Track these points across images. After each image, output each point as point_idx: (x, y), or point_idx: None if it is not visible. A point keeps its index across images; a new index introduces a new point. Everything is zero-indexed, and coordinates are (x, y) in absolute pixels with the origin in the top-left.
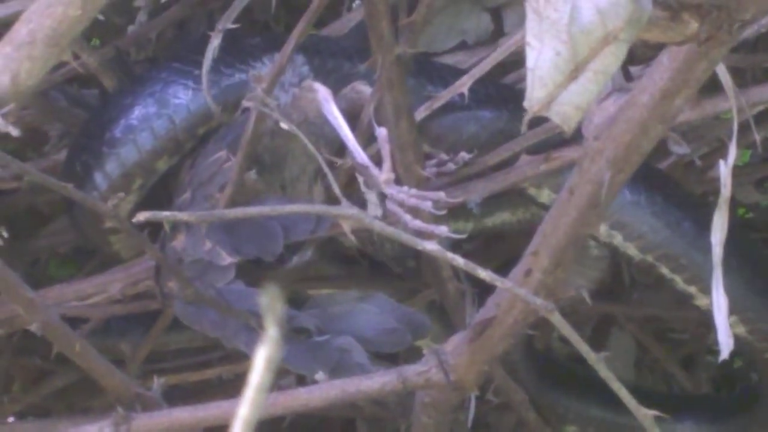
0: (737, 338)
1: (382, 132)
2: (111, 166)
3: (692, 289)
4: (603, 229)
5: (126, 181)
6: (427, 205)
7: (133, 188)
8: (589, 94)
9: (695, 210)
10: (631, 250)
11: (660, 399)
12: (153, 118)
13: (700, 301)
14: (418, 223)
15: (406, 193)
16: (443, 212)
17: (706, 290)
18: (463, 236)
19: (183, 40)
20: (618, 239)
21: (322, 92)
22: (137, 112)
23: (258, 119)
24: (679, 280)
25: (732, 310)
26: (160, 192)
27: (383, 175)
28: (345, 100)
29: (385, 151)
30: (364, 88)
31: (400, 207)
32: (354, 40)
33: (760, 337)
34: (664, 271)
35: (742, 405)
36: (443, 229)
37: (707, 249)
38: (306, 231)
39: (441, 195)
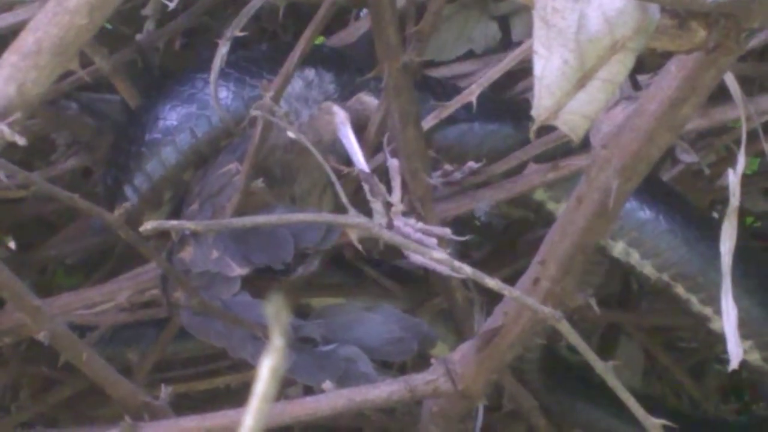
0: (750, 366)
1: (393, 163)
2: (139, 180)
3: (708, 311)
4: (620, 247)
5: (155, 194)
6: (432, 242)
7: (165, 200)
8: (596, 103)
9: (713, 229)
10: (648, 268)
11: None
12: (176, 131)
13: (715, 325)
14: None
15: (412, 227)
16: (447, 250)
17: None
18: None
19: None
20: (635, 257)
21: (341, 116)
22: (161, 125)
23: (265, 128)
24: (695, 301)
25: (748, 335)
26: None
27: (393, 206)
28: (350, 111)
29: (396, 182)
30: (369, 99)
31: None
32: (362, 49)
33: None
34: (680, 290)
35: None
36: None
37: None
38: (315, 238)
39: (447, 231)
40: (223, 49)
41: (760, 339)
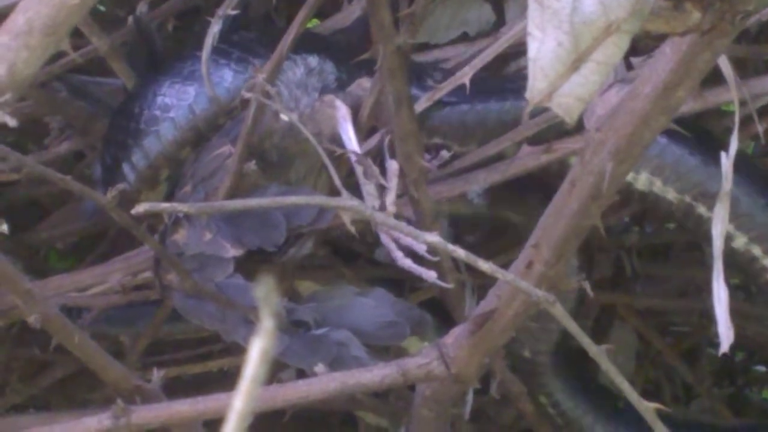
0: (737, 253)
1: (392, 165)
2: (137, 157)
3: (730, 227)
4: (644, 177)
5: (152, 172)
6: (421, 248)
7: (162, 179)
8: (591, 86)
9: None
10: (671, 193)
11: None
12: (174, 108)
13: (737, 242)
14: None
15: (402, 229)
16: (436, 258)
17: (743, 228)
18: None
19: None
20: (658, 185)
21: (343, 111)
22: (159, 102)
23: (258, 110)
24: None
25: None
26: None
27: (386, 206)
28: (350, 96)
29: (392, 183)
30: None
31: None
32: (357, 32)
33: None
34: (702, 210)
35: None
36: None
37: (743, 184)
38: (308, 218)
39: (436, 238)
40: (214, 28)
41: (753, 230)
